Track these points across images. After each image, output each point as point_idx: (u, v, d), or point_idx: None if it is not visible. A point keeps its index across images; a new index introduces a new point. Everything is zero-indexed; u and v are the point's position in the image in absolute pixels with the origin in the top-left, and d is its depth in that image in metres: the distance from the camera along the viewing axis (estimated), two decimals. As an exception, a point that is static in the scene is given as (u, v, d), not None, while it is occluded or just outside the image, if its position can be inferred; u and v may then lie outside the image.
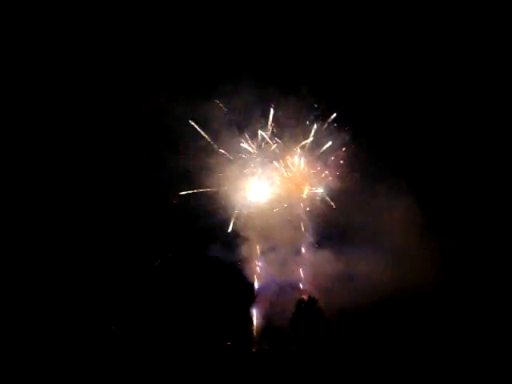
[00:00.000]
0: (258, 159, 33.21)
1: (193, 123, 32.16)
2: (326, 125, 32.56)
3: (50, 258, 31.53)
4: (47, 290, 30.88)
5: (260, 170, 33.42)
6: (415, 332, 28.01)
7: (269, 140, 32.93)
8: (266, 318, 32.13)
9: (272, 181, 33.50)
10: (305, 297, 31.29)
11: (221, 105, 31.93)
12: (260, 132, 32.64)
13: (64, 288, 31.19)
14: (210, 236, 33.11)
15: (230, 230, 33.14)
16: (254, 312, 32.57)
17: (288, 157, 33.14)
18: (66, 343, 28.73)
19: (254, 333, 32.06)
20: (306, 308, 30.62)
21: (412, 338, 27.66)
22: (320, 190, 33.23)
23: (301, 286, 32.76)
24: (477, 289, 28.39)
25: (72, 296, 31.26)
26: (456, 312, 28.03)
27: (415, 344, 27.14)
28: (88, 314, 31.11)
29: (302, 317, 30.40)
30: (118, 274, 32.39)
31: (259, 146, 32.93)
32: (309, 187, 33.24)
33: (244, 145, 32.86)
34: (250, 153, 33.10)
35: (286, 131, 32.65)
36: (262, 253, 33.56)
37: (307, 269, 32.91)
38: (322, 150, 32.90)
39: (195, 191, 32.66)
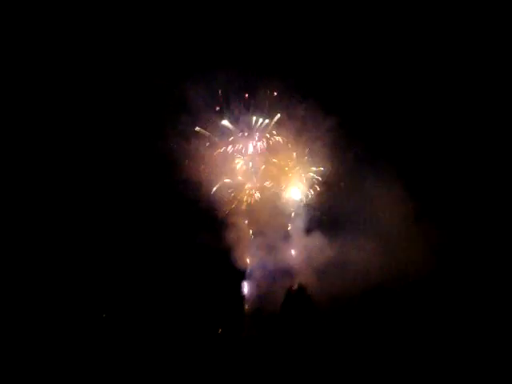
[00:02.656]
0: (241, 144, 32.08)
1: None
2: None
3: (40, 248, 30.96)
4: (40, 281, 30.39)
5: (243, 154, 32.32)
6: (405, 320, 27.69)
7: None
8: (257, 304, 31.96)
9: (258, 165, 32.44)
10: (294, 284, 30.83)
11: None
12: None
13: (55, 277, 30.75)
14: (196, 222, 32.48)
15: (217, 214, 32.48)
16: (245, 298, 32.43)
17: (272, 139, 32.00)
18: (57, 331, 28.69)
19: (245, 319, 31.96)
20: (296, 295, 30.27)
21: (402, 327, 27.37)
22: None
23: (291, 272, 32.36)
24: (469, 278, 27.96)
25: (62, 284, 30.84)
26: (447, 301, 27.69)
27: (405, 332, 26.89)
28: (79, 303, 30.92)
29: (292, 304, 30.12)
30: (108, 262, 31.89)
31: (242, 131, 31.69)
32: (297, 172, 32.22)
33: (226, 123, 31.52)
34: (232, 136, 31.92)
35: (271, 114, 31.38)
36: (252, 239, 33.05)
37: (297, 255, 32.43)
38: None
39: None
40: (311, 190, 32.51)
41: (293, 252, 32.55)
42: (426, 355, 24.62)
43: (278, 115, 31.32)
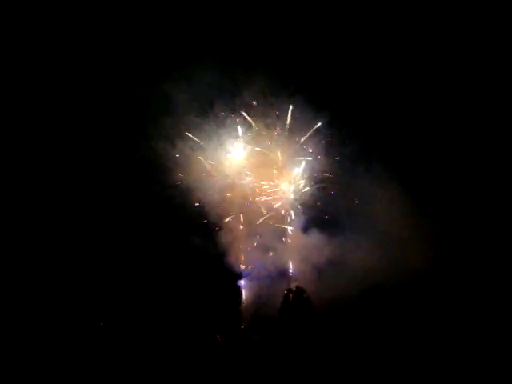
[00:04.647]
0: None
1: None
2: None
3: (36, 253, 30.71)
4: (36, 286, 30.26)
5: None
6: (404, 319, 27.41)
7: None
8: (254, 308, 31.51)
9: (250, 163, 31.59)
10: (293, 286, 30.35)
11: None
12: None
13: (51, 284, 30.61)
14: (189, 226, 31.79)
15: (209, 218, 31.74)
16: (242, 302, 32.02)
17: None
18: (55, 339, 28.35)
19: (243, 323, 31.58)
20: (294, 298, 29.82)
21: (400, 326, 27.09)
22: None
23: (289, 273, 31.92)
24: (467, 276, 27.80)
25: (59, 292, 30.61)
26: (445, 299, 27.42)
27: (404, 331, 26.61)
28: (76, 311, 30.45)
29: (291, 307, 29.70)
30: (103, 269, 31.55)
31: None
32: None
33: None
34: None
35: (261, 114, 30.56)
36: (247, 240, 32.37)
37: (295, 256, 31.83)
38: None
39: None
40: (306, 189, 31.77)
41: (290, 252, 31.92)
42: (425, 353, 24.48)
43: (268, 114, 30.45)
